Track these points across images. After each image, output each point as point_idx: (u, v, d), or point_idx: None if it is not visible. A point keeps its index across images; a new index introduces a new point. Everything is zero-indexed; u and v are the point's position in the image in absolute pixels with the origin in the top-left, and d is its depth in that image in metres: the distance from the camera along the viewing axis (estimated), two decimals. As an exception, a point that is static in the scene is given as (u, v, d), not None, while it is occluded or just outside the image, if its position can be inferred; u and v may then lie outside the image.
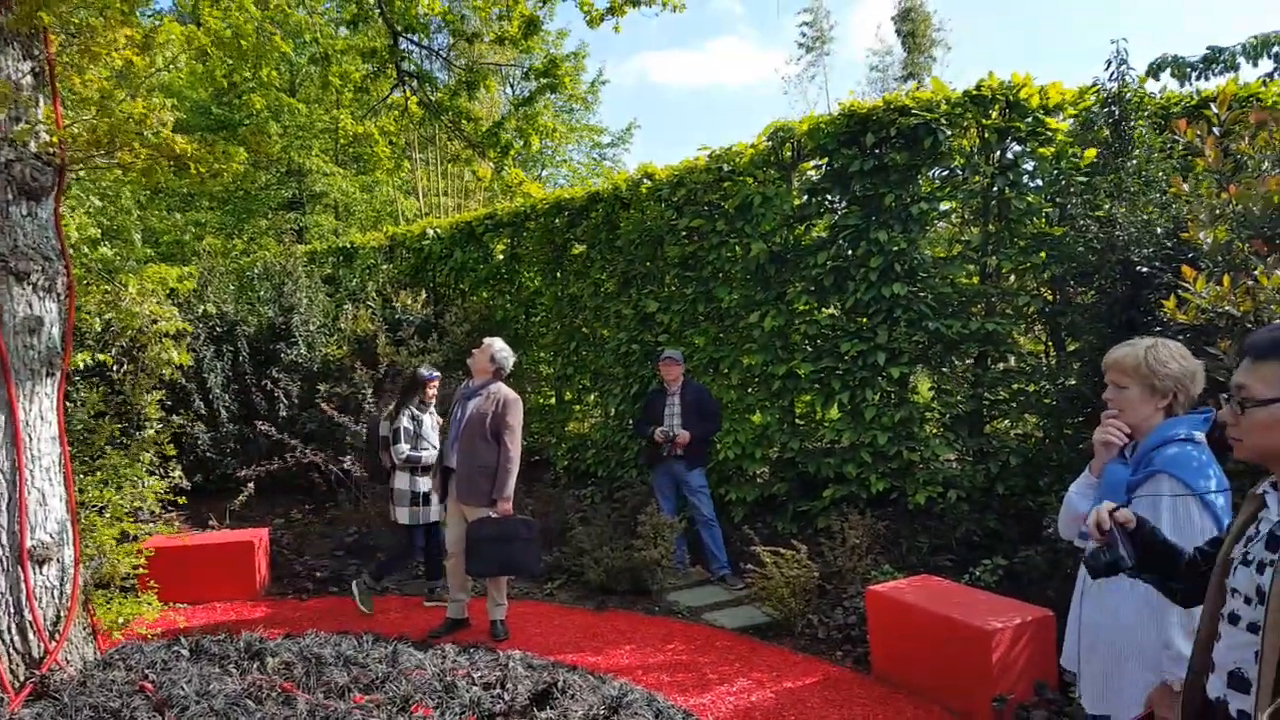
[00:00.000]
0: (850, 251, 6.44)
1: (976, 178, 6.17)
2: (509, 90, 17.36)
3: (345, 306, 10.20)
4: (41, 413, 5.13)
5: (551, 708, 3.98)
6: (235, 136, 15.39)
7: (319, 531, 8.37)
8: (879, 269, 6.14)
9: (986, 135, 6.09)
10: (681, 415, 6.70)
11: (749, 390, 7.24)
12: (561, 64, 7.55)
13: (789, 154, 7.01)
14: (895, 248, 6.11)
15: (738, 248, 7.15)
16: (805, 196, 6.88)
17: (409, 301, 9.85)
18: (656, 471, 6.88)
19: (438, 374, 6.71)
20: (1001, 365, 6.31)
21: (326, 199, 18.32)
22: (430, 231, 10.83)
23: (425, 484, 6.25)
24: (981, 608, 4.39)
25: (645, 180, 8.02)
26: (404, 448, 6.21)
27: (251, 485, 8.25)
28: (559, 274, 9.13)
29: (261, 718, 3.97)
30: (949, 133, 6.05)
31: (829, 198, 6.80)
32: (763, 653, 5.18)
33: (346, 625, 5.78)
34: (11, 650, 4.79)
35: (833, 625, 5.29)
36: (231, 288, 10.88)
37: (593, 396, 9.13)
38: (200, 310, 9.96)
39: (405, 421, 6.29)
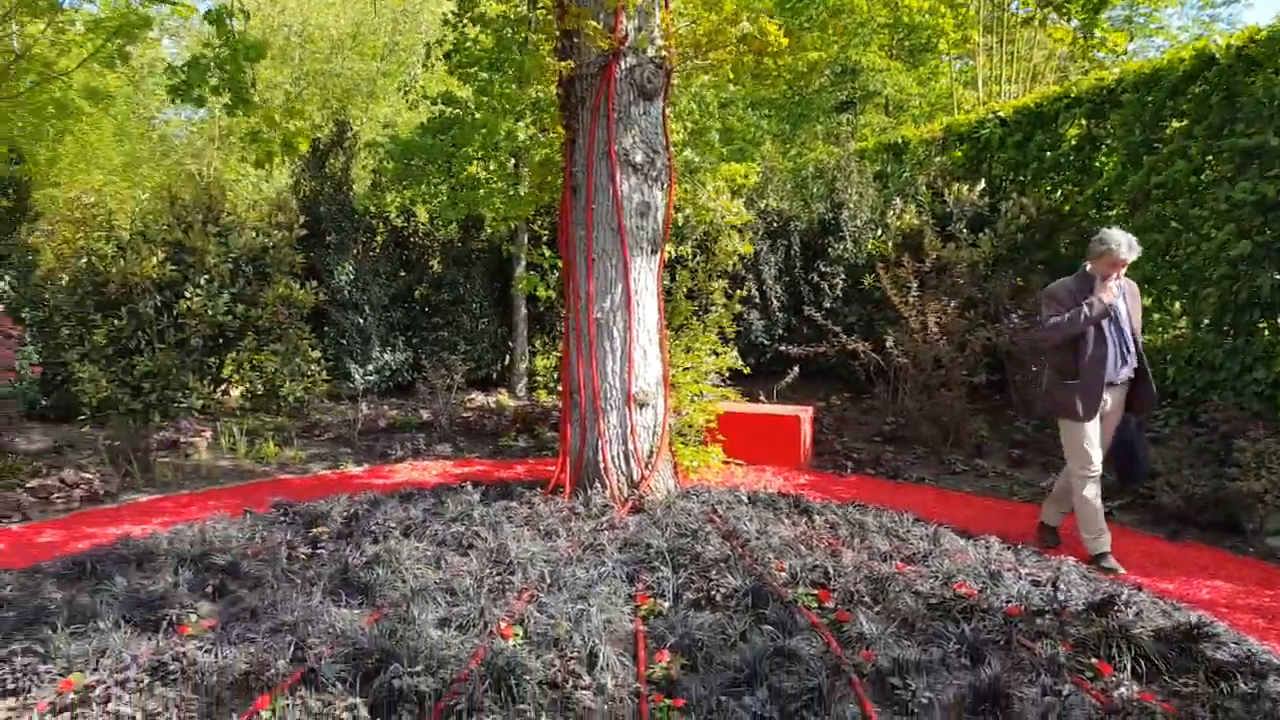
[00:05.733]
0: None
1: None
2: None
3: (893, 201, 10.37)
4: (647, 284, 6.30)
5: (1112, 619, 3.76)
6: (798, 43, 16.42)
7: (856, 418, 8.93)
8: None
9: None
10: None
11: None
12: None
13: None
14: None
15: None
16: None
17: (963, 192, 9.60)
18: None
19: None
20: None
21: (879, 97, 18.56)
22: (991, 116, 10.31)
23: None
24: None
25: (1289, 30, 6.51)
26: None
27: (797, 369, 9.11)
28: (1147, 157, 8.01)
29: (812, 562, 4.48)
30: None
31: None
32: None
33: (882, 504, 6.13)
34: (619, 472, 6.12)
35: None
36: (788, 186, 11.83)
37: (1178, 304, 7.97)
38: (762, 205, 11.05)
39: None
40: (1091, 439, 5.00)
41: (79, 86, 10.69)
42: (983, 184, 9.74)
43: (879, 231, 10.47)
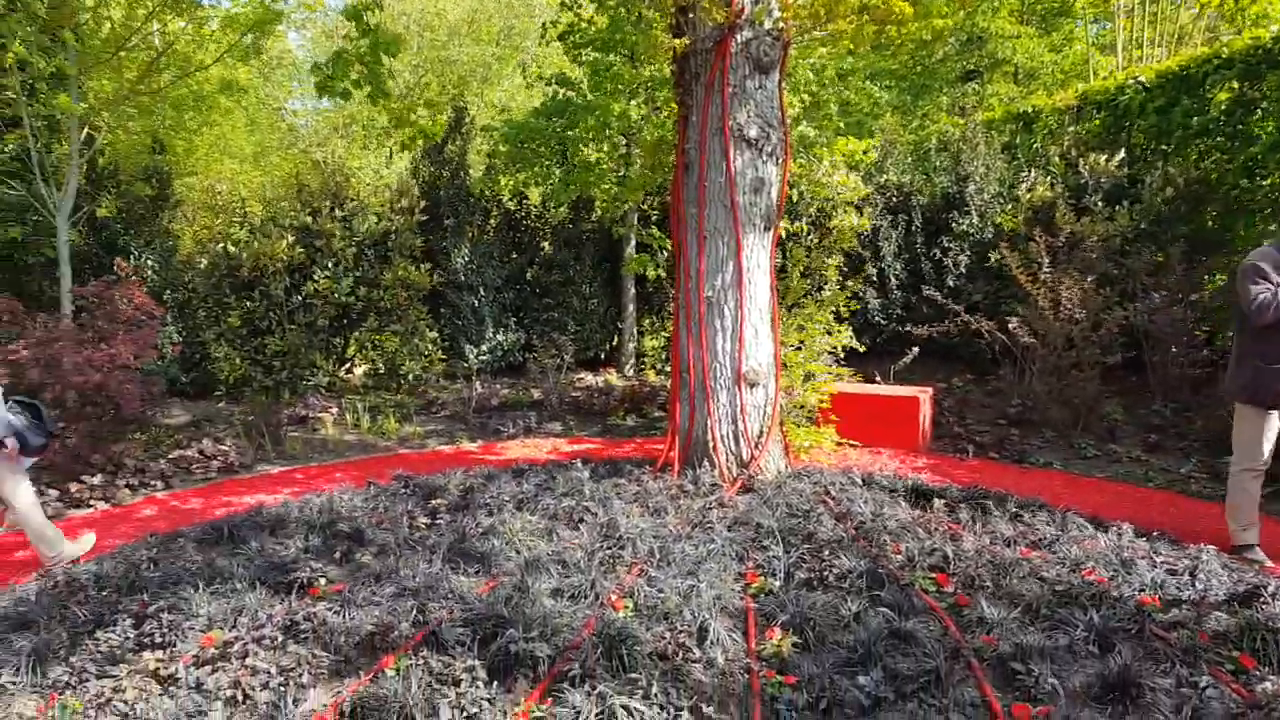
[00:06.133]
0: None
1: None
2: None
3: (1023, 174, 9.97)
4: (759, 262, 6.27)
5: (1257, 611, 3.56)
6: (923, 11, 15.95)
7: (980, 400, 8.66)
8: None
9: None
10: None
11: None
12: None
13: None
14: None
15: None
16: None
17: (1100, 163, 9.13)
18: None
19: None
20: None
21: (1007, 65, 17.78)
22: (1132, 81, 9.75)
23: None
24: None
25: None
26: None
27: (916, 349, 8.90)
28: (1311, 122, 7.45)
29: (931, 546, 4.40)
30: None
31: None
32: None
33: (1006, 489, 5.93)
34: (728, 451, 6.14)
35: None
36: (908, 160, 11.52)
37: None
38: (881, 180, 10.80)
39: None
40: (1270, 434, 4.65)
41: (215, 80, 11.40)
42: (1121, 153, 9.23)
43: (1008, 205, 10.08)
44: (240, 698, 3.25)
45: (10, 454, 4.84)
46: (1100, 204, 8.75)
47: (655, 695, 3.15)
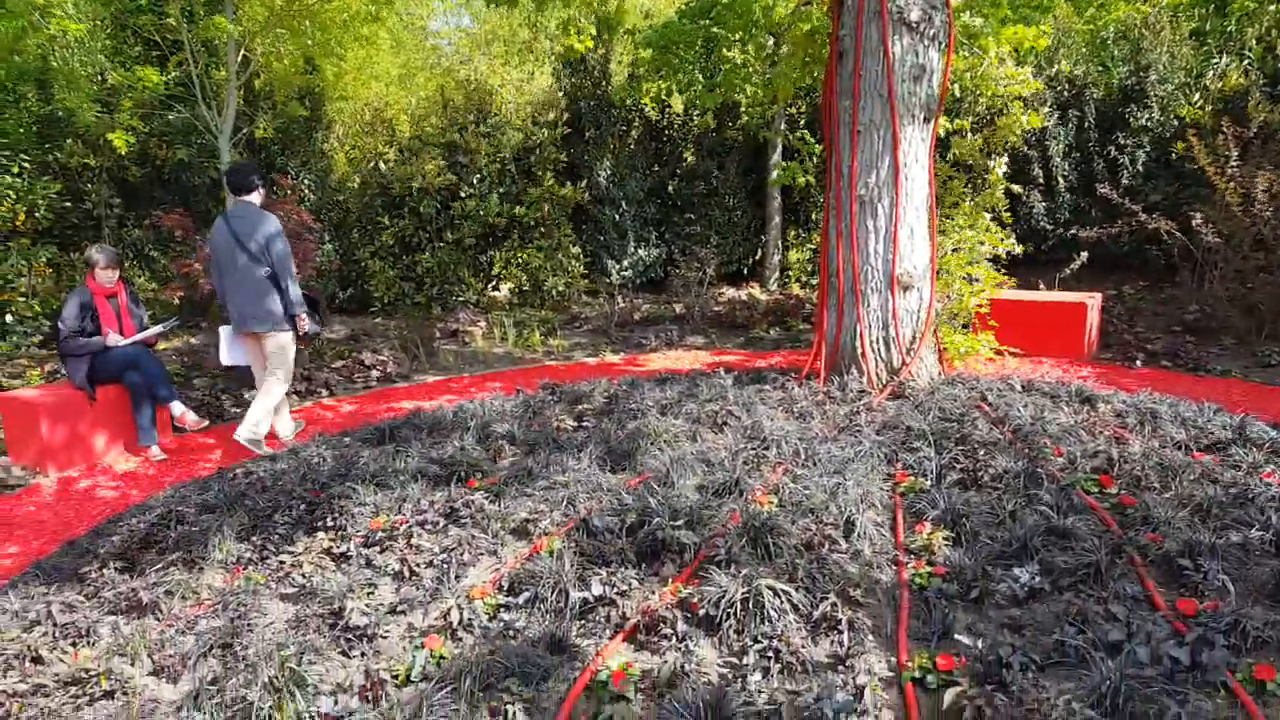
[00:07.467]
0: None
1: None
2: None
3: (1213, 60, 9.11)
4: (917, 156, 6.02)
5: None
6: None
7: (1151, 309, 8.17)
8: None
9: None
10: None
11: None
12: None
13: None
14: None
15: None
16: None
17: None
18: None
19: None
20: None
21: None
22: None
23: None
24: None
25: None
26: None
27: (1085, 254, 8.41)
28: None
29: (1094, 449, 4.26)
30: None
31: None
32: None
33: (1179, 396, 5.60)
34: (877, 357, 6.06)
35: None
36: (1082, 50, 10.70)
37: None
38: (1051, 72, 10.10)
39: None
40: None
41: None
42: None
43: (1195, 97, 9.25)
44: (406, 573, 3.56)
45: (303, 326, 5.65)
46: (1308, 88, 7.92)
47: (801, 580, 3.24)
